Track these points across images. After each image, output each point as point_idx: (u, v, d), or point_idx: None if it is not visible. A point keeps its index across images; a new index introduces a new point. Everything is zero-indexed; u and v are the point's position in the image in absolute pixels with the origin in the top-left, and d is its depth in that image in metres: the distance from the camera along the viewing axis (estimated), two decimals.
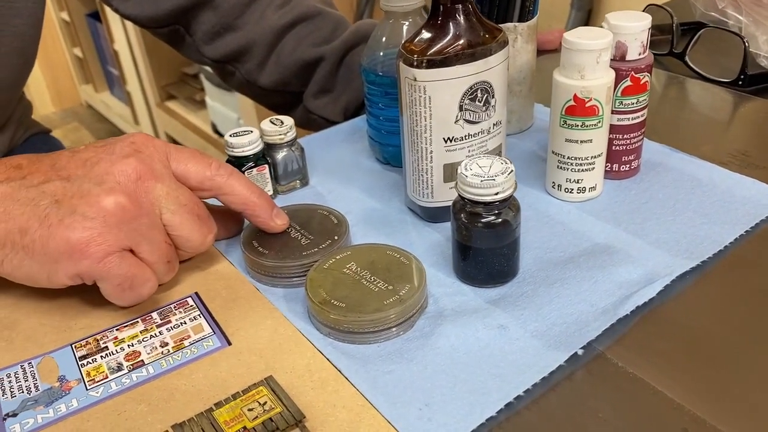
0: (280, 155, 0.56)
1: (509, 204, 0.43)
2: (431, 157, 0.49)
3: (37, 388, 0.40)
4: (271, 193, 0.57)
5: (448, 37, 0.46)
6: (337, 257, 0.46)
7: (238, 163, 0.54)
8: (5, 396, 0.40)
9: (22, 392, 0.40)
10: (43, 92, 2.91)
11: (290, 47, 0.76)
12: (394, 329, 0.42)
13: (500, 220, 0.43)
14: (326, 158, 0.63)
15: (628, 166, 0.55)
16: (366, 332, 0.42)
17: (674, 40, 0.75)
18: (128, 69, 2.45)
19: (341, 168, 0.61)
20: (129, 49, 2.34)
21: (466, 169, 0.43)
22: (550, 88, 0.51)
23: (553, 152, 0.53)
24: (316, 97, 0.77)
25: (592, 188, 0.53)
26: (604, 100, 0.49)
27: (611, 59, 0.51)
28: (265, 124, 0.56)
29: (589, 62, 0.48)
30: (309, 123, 0.79)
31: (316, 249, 0.48)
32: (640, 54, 0.51)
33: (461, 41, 0.46)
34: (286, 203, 0.56)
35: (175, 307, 0.46)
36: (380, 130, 0.60)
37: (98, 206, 0.42)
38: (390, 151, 0.60)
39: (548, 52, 0.78)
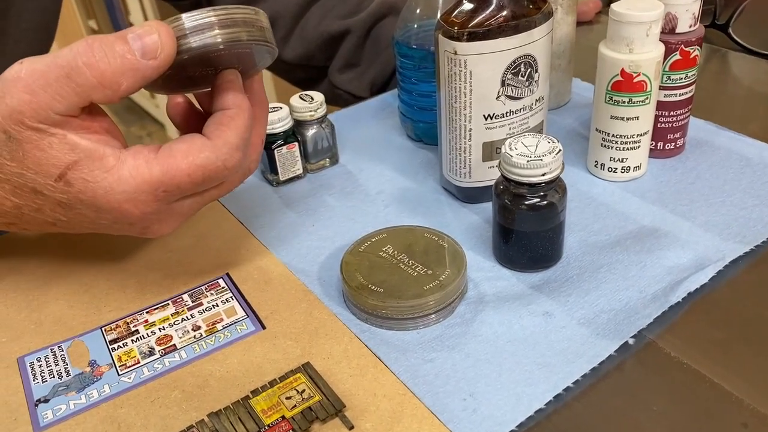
0: (310, 132, 0.54)
1: (555, 185, 0.41)
2: (470, 135, 0.47)
3: (68, 372, 0.39)
4: (300, 172, 0.55)
5: (491, 8, 0.44)
6: (373, 240, 0.45)
7: (267, 140, 0.52)
8: (36, 381, 0.39)
9: (53, 377, 0.39)
10: None
11: (315, 20, 0.74)
12: (433, 316, 0.40)
13: (545, 202, 0.41)
14: (356, 135, 0.61)
15: (673, 144, 0.53)
16: (405, 318, 0.40)
17: (717, 11, 0.72)
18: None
19: (372, 145, 0.59)
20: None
21: (510, 148, 0.41)
22: (586, 62, 0.49)
23: (596, 130, 0.50)
24: (342, 72, 0.75)
25: (637, 167, 0.51)
26: (652, 76, 0.47)
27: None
28: (295, 100, 0.54)
29: (639, 35, 0.46)
30: (334, 98, 0.77)
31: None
32: (690, 26, 0.49)
33: (505, 12, 0.43)
34: (315, 182, 0.55)
35: (206, 288, 0.45)
36: (413, 106, 0.58)
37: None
38: (422, 127, 0.58)
39: (583, 23, 0.75)
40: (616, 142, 0.49)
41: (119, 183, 0.35)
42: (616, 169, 0.51)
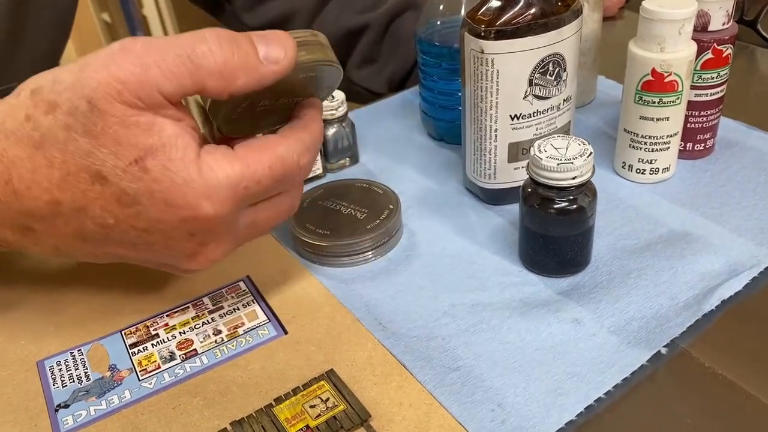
0: (331, 132, 0.54)
1: (585, 189, 0.40)
2: (495, 135, 0.46)
3: (88, 377, 0.39)
4: (320, 171, 0.54)
5: (519, 6, 0.42)
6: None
7: None
8: (56, 385, 0.38)
9: (73, 381, 0.38)
10: (72, 57, 2.89)
11: (333, 15, 0.73)
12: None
13: (575, 206, 0.40)
14: (376, 134, 0.60)
15: (702, 145, 0.51)
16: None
17: (745, 6, 0.70)
18: (157, 35, 2.42)
19: (392, 144, 0.58)
20: (158, 15, 2.31)
21: (540, 150, 0.40)
22: (610, 58, 0.47)
23: (624, 130, 0.49)
24: (360, 68, 0.74)
25: (666, 169, 0.49)
26: (684, 75, 0.46)
27: None
28: None
29: (671, 33, 0.44)
30: (351, 95, 0.76)
31: (378, 221, 0.46)
32: (724, 24, 0.47)
33: (533, 10, 0.42)
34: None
35: (226, 291, 0.44)
36: (434, 104, 0.57)
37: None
38: (444, 126, 0.57)
39: (607, 19, 0.74)
40: (645, 143, 0.48)
41: (200, 175, 0.32)
42: (645, 170, 0.49)
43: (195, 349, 0.40)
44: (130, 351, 0.40)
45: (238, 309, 0.42)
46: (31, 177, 0.33)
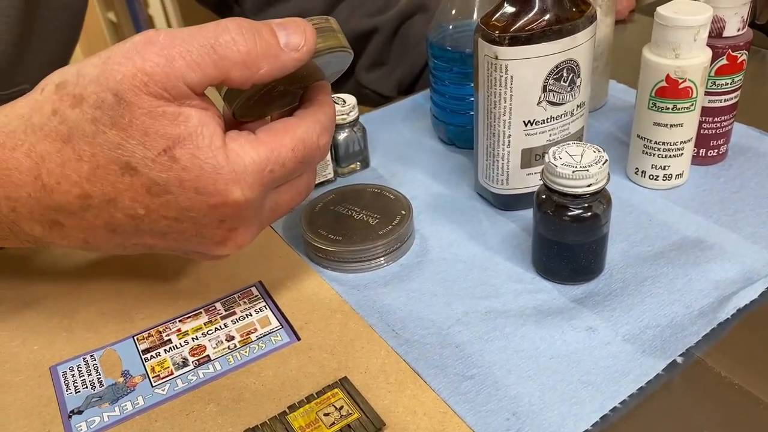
0: (342, 136, 0.53)
1: (600, 196, 0.40)
2: (508, 141, 0.46)
3: (101, 383, 0.39)
4: (331, 175, 0.54)
5: (534, 12, 0.42)
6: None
7: None
8: (69, 391, 0.38)
9: (87, 387, 0.38)
10: (78, 57, 2.90)
11: (343, 18, 0.73)
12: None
13: (590, 213, 0.40)
14: (386, 138, 0.60)
15: (716, 151, 0.51)
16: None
17: (757, 10, 0.70)
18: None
19: (403, 148, 0.58)
20: (164, 15, 2.31)
21: (555, 158, 0.39)
22: (621, 62, 0.47)
23: (638, 136, 0.49)
24: (369, 71, 0.74)
25: (679, 175, 0.49)
26: (699, 82, 0.45)
27: None
28: None
29: (686, 40, 0.44)
30: (360, 97, 0.76)
31: (390, 226, 0.45)
32: (739, 30, 0.47)
33: (547, 16, 0.42)
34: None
35: (239, 297, 0.44)
36: (445, 109, 0.56)
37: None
38: (455, 131, 0.57)
39: (617, 22, 0.73)
40: (659, 150, 0.48)
41: (228, 162, 0.32)
42: (658, 176, 0.49)
43: (208, 355, 0.40)
44: (143, 357, 0.40)
45: (251, 315, 0.42)
46: (61, 171, 0.32)
